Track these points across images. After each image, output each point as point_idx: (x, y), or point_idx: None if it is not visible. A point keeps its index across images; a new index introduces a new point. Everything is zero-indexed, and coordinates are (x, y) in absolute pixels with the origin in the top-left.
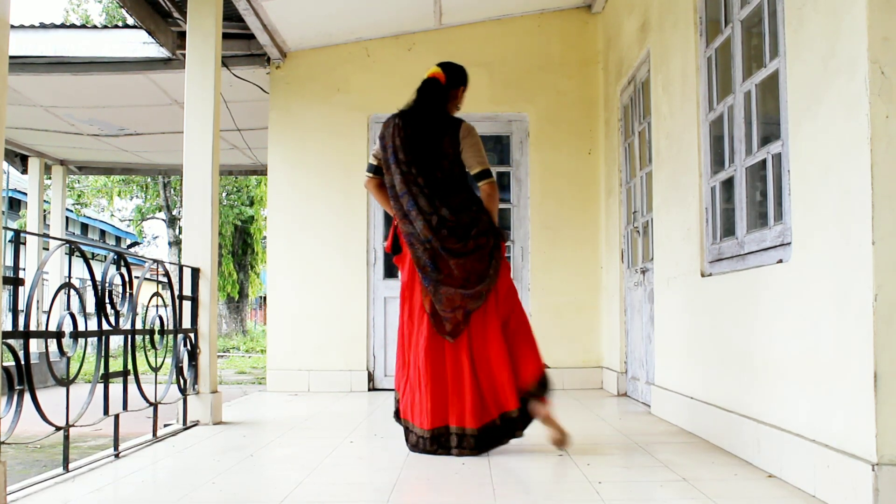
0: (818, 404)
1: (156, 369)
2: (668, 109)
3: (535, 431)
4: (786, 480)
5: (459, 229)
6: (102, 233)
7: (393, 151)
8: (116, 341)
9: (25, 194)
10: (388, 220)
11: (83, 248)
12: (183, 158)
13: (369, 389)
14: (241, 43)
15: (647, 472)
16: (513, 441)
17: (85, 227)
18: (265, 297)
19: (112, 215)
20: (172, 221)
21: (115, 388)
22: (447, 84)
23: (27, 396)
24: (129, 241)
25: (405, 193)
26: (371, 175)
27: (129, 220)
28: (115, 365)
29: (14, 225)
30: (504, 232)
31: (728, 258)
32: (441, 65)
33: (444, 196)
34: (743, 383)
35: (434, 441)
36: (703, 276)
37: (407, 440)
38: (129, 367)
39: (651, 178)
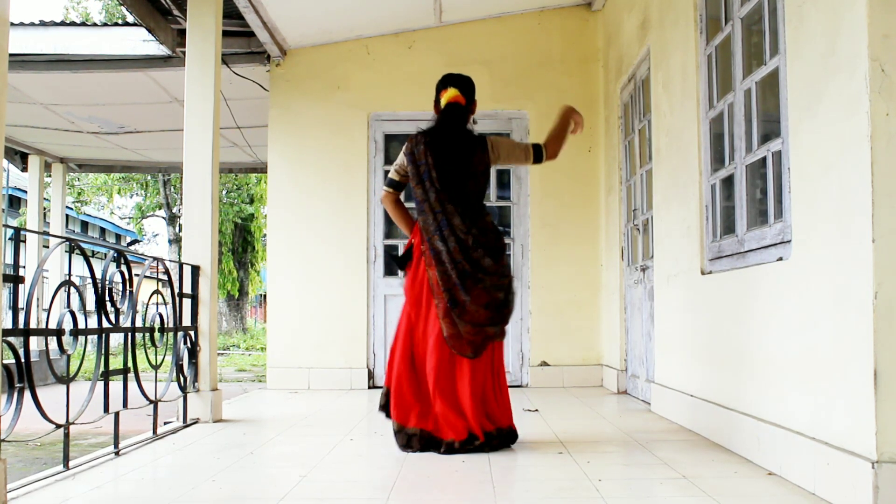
0: (818, 402)
1: (156, 367)
2: (669, 107)
3: (535, 430)
4: (786, 478)
5: (491, 250)
6: (102, 230)
7: (426, 169)
8: (116, 339)
9: (25, 192)
10: (388, 218)
11: (83, 245)
12: (183, 156)
13: (369, 387)
14: (241, 40)
15: (647, 470)
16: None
17: (85, 225)
18: (265, 295)
19: (112, 213)
20: (172, 219)
21: (116, 385)
22: (466, 104)
23: (27, 394)
24: (129, 239)
25: (440, 211)
26: (390, 190)
27: (130, 218)
28: (116, 363)
29: (14, 223)
30: None
31: (728, 256)
32: (457, 84)
33: (474, 216)
34: (743, 381)
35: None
36: (703, 273)
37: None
38: (130, 364)
39: (651, 175)
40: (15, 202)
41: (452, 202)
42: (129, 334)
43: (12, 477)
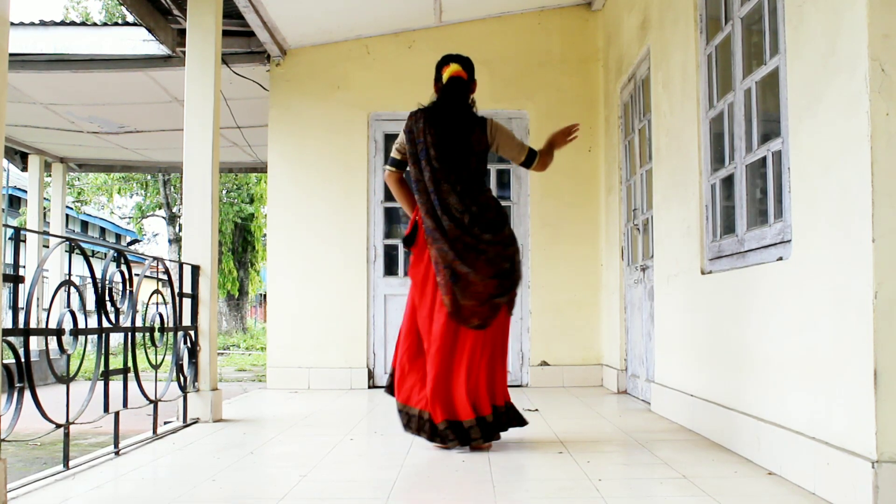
0: (818, 402)
1: (156, 367)
2: (669, 107)
3: (535, 430)
4: (786, 478)
5: (490, 225)
6: (102, 230)
7: (424, 147)
8: (116, 339)
9: (25, 192)
10: (388, 217)
11: (83, 245)
12: (183, 156)
13: (369, 387)
14: (241, 40)
15: (647, 470)
16: (512, 438)
17: (85, 225)
18: (265, 295)
19: (112, 213)
20: (172, 219)
21: (116, 385)
22: (468, 80)
23: (27, 394)
24: (129, 239)
25: (434, 190)
26: (393, 169)
27: (129, 218)
28: (116, 362)
29: (14, 222)
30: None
31: (728, 256)
32: (458, 60)
33: (472, 194)
34: (743, 381)
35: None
36: (703, 273)
37: (408, 425)
38: (130, 364)
39: (651, 175)
40: (15, 202)
41: (448, 181)
42: (129, 334)
43: (12, 477)
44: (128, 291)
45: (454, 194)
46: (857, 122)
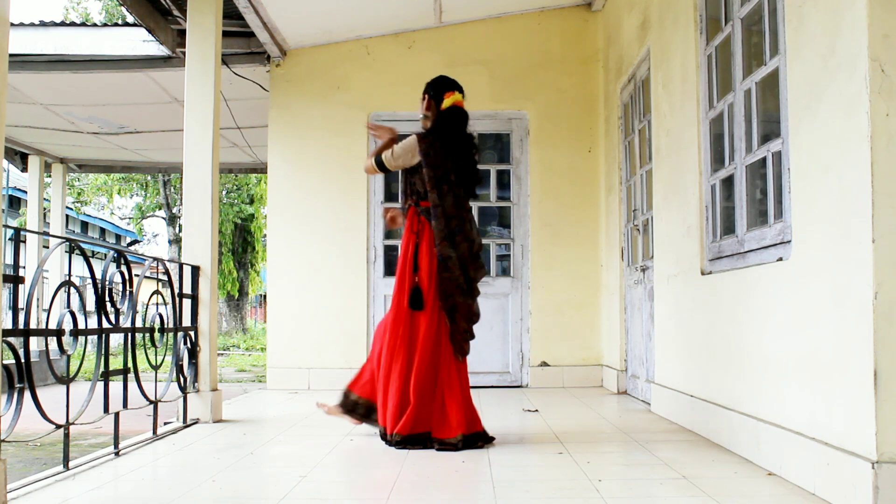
0: (818, 402)
1: (156, 367)
2: (669, 107)
3: (535, 430)
4: (786, 478)
5: (482, 266)
6: (102, 231)
7: (444, 172)
8: (116, 339)
9: (25, 192)
10: None
11: (83, 246)
12: (183, 156)
13: None
14: (241, 41)
15: (647, 470)
16: (512, 438)
17: (85, 225)
18: (265, 295)
19: (112, 213)
20: (172, 219)
21: (116, 386)
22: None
23: (27, 394)
24: (129, 239)
25: (455, 217)
26: (377, 170)
27: (130, 218)
28: (116, 363)
29: (14, 223)
30: None
31: (728, 256)
32: (460, 89)
33: (474, 222)
34: (743, 381)
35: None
36: (703, 273)
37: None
38: (130, 365)
39: (651, 175)
40: (15, 202)
41: (467, 209)
42: (129, 334)
43: (12, 477)
44: (128, 292)
45: (469, 222)
46: (857, 122)
